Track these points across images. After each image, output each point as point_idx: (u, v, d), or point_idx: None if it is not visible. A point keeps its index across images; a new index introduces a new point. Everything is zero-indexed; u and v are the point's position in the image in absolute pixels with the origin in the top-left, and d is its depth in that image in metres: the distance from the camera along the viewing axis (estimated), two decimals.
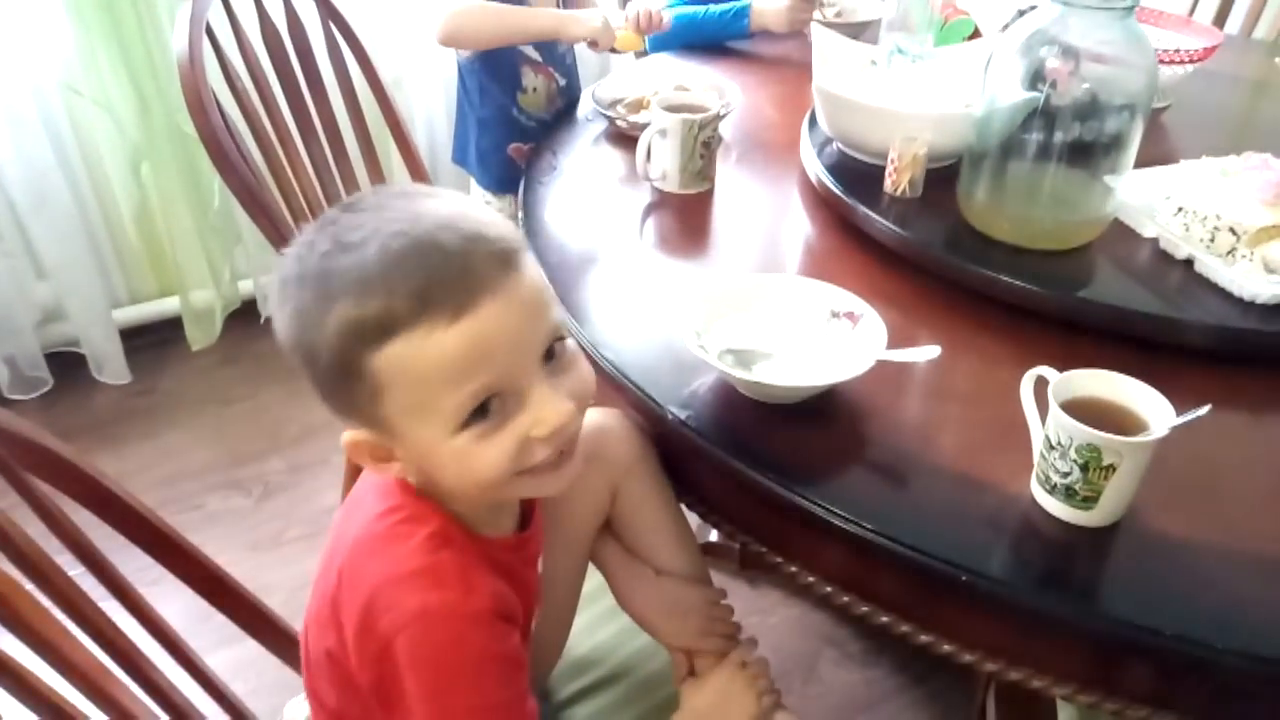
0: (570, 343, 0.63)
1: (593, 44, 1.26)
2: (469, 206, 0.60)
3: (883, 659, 1.40)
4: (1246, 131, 1.28)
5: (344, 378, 0.57)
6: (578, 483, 0.81)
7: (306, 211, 1.37)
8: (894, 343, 0.77)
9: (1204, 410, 0.64)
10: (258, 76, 1.34)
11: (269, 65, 1.38)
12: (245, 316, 2.08)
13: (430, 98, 2.12)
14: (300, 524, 1.65)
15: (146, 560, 0.77)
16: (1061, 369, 0.69)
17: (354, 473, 1.42)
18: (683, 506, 0.84)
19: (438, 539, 0.62)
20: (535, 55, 1.33)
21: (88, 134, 1.82)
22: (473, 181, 1.41)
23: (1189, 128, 1.25)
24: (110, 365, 1.94)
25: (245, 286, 2.09)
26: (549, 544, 0.80)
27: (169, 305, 2.04)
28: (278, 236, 1.21)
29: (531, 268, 0.60)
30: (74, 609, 0.68)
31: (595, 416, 0.84)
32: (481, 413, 0.58)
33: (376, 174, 1.57)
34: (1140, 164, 1.01)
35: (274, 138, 1.34)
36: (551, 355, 0.61)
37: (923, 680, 1.38)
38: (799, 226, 1.07)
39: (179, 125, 1.80)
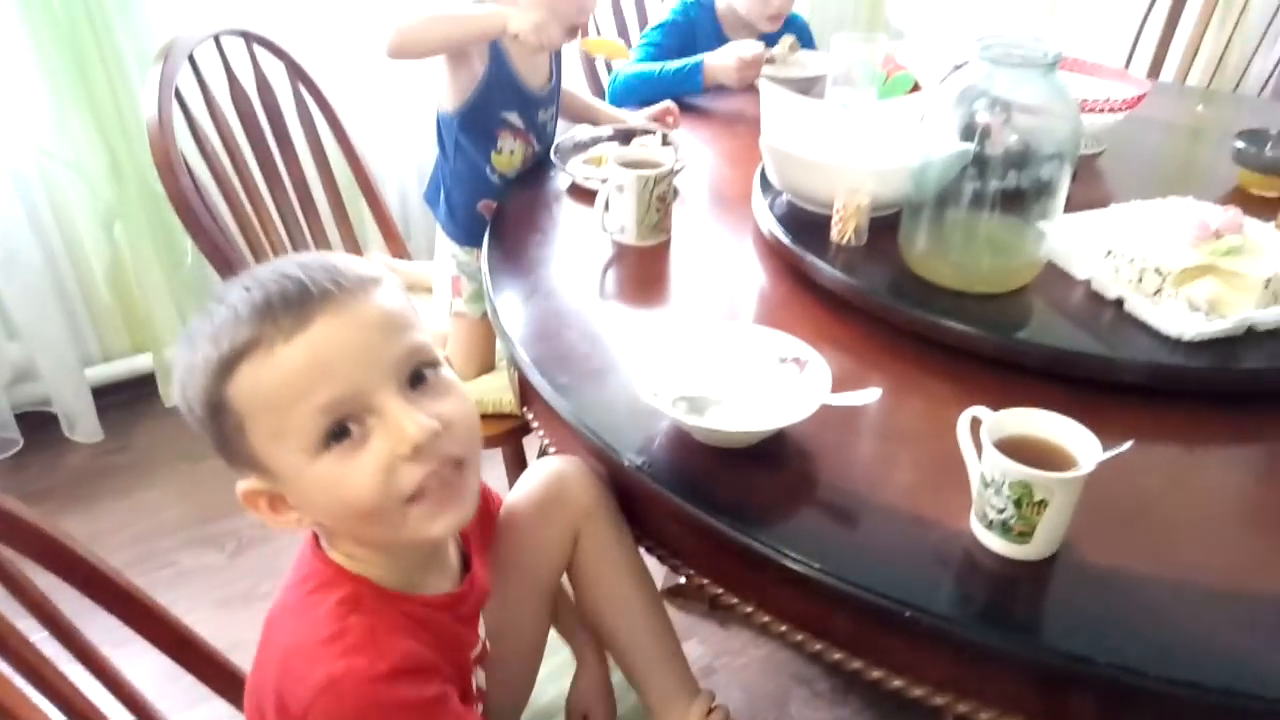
0: (445, 373, 0.65)
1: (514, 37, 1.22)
2: (339, 256, 0.64)
3: (851, 697, 1.41)
4: (1174, 175, 1.34)
5: (214, 417, 0.60)
6: (538, 530, 0.84)
7: None
8: (843, 385, 0.81)
9: (1126, 445, 0.67)
10: (227, 138, 1.37)
11: (239, 126, 1.41)
12: None
13: (401, 154, 2.16)
14: (274, 579, 1.65)
15: (114, 621, 0.78)
16: (1001, 408, 0.72)
17: None
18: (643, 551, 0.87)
19: (347, 604, 0.63)
20: (518, 122, 1.35)
21: (59, 194, 1.84)
22: (439, 229, 1.44)
23: (1122, 172, 1.30)
24: (82, 424, 1.94)
25: None
26: (509, 592, 0.82)
27: (142, 362, 2.05)
28: None
29: (388, 299, 0.62)
30: (36, 675, 0.68)
31: (553, 464, 0.86)
32: (341, 435, 0.59)
33: (348, 231, 1.60)
34: (1076, 207, 1.06)
35: (244, 197, 1.37)
36: (421, 380, 0.63)
37: (890, 718, 1.39)
38: (753, 275, 1.10)
39: (151, 184, 1.83)
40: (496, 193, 1.34)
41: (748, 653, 1.49)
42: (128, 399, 2.05)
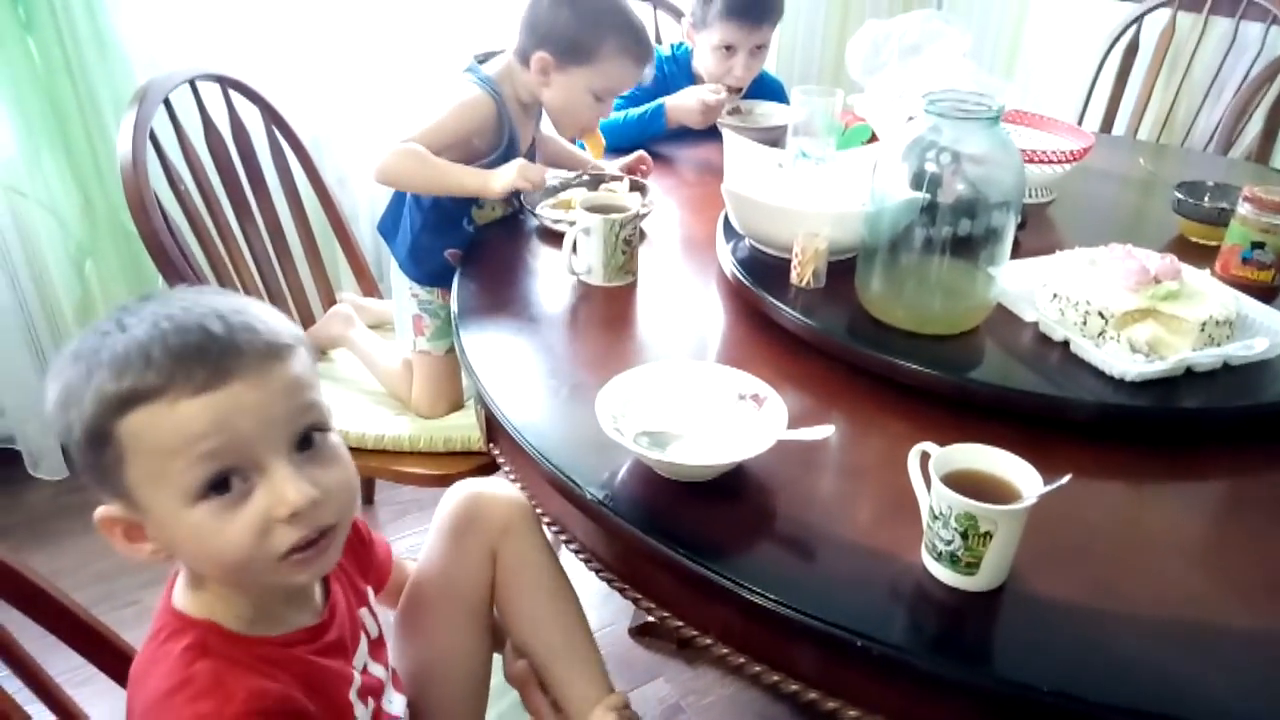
0: (334, 438, 0.66)
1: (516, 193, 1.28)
2: (254, 306, 0.64)
3: None
4: (1120, 224, 1.40)
5: (94, 445, 0.59)
6: (455, 555, 0.85)
7: None
8: (803, 422, 0.83)
9: (1065, 479, 0.70)
10: (201, 179, 1.39)
11: (213, 168, 1.44)
12: None
13: (375, 193, 2.19)
14: None
15: (78, 660, 0.78)
16: (953, 444, 0.74)
17: None
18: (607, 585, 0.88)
19: (194, 650, 0.63)
20: None
21: (30, 232, 1.84)
22: (394, 265, 1.45)
23: (1070, 219, 1.36)
24: (47, 460, 1.92)
25: None
26: (438, 622, 0.83)
27: None
28: None
29: (300, 365, 0.63)
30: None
31: (466, 488, 0.88)
32: (222, 488, 0.60)
33: (320, 271, 1.62)
34: (1028, 253, 1.10)
35: (217, 237, 1.39)
36: (309, 445, 0.63)
37: None
38: (716, 316, 1.13)
39: (124, 224, 1.84)
40: (466, 240, 1.37)
41: (714, 692, 1.49)
42: None
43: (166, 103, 1.34)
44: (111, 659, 0.80)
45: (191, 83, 1.40)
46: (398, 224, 1.42)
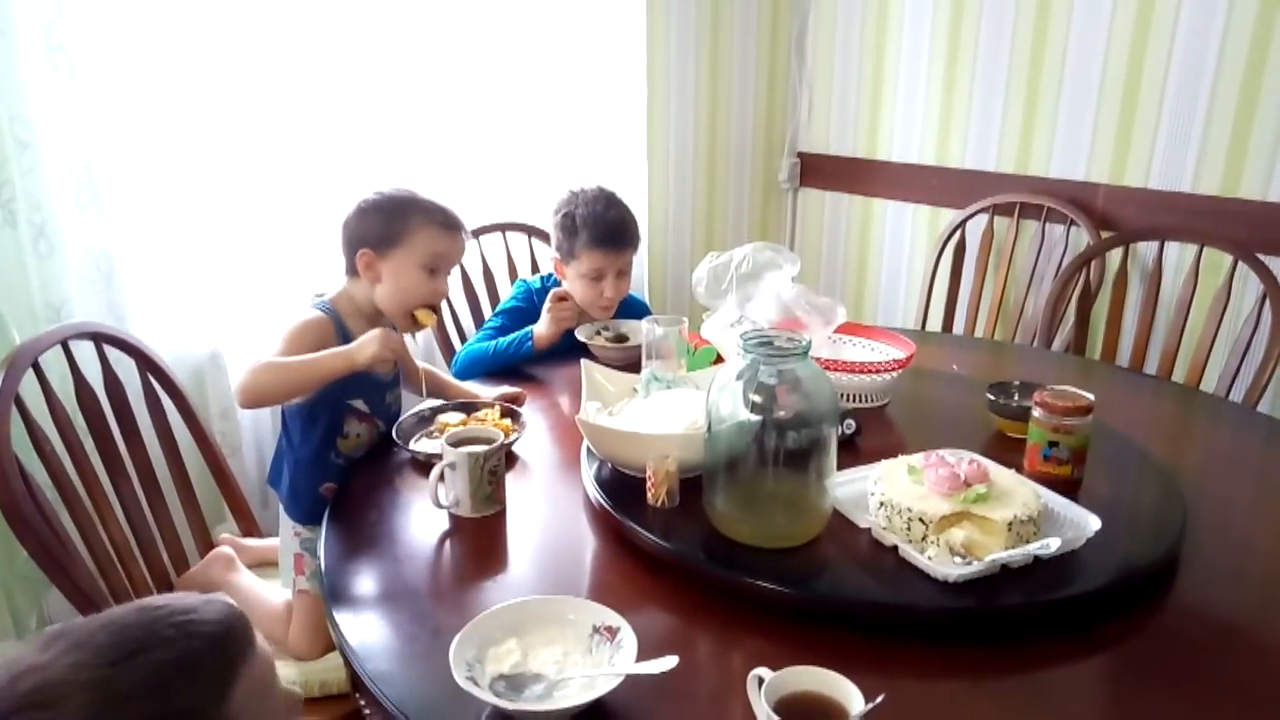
0: None
1: (382, 363, 1.32)
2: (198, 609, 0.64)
3: None
4: (944, 420, 1.52)
5: None
6: None
7: (118, 565, 1.38)
8: (667, 646, 0.86)
9: (879, 700, 0.74)
10: (69, 438, 1.39)
11: (83, 424, 1.44)
12: None
13: (259, 422, 2.19)
14: None
15: None
16: (805, 658, 0.79)
17: None
18: None
19: None
20: (363, 407, 1.42)
21: None
22: (281, 508, 1.47)
23: (905, 419, 1.48)
24: None
25: None
26: None
27: None
28: (79, 595, 1.22)
29: (261, 667, 0.66)
30: None
31: None
32: None
33: (196, 518, 1.60)
34: (868, 455, 1.19)
35: (84, 495, 1.38)
36: None
37: None
38: (582, 539, 1.18)
39: None
40: (341, 475, 1.39)
41: None
42: None
43: (36, 365, 1.36)
44: None
45: (64, 343, 1.43)
46: (281, 472, 1.45)
